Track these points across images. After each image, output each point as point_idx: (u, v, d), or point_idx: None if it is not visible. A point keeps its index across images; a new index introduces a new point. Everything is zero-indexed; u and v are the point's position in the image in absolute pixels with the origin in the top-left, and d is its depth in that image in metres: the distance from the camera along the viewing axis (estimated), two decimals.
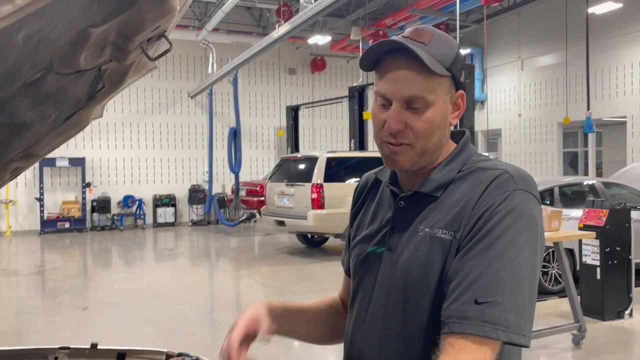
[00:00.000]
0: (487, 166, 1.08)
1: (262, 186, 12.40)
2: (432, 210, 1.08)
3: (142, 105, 15.07)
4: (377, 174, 1.27)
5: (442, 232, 1.04)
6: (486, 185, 1.03)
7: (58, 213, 13.96)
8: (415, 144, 1.06)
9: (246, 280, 8.16)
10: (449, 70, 1.05)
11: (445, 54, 1.05)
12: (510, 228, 0.97)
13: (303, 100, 16.55)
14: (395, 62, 1.04)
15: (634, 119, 12.42)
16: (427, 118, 1.04)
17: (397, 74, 1.04)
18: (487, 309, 0.92)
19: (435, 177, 1.10)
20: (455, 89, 1.09)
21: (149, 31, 1.06)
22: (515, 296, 0.94)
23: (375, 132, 1.10)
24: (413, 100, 1.04)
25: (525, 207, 1.00)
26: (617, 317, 5.56)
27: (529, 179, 1.05)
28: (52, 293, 7.44)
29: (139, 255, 11.16)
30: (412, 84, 1.03)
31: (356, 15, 14.75)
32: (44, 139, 1.66)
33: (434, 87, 1.04)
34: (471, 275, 0.96)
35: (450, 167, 1.11)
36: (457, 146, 1.14)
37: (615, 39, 12.69)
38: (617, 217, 5.61)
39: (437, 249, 1.04)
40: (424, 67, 1.02)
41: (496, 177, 1.03)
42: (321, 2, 8.05)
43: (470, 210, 1.02)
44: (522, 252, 0.97)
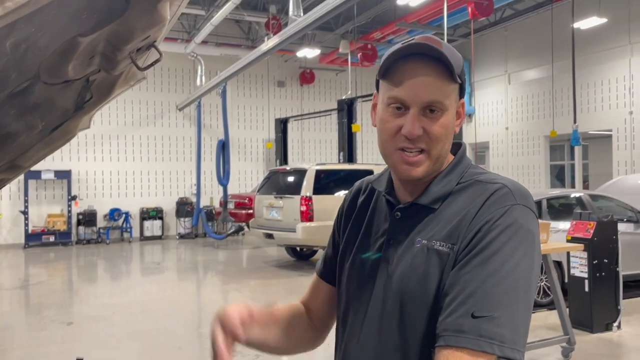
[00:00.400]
0: (486, 179, 1.08)
1: (250, 199, 12.34)
2: (429, 222, 1.08)
3: (129, 117, 14.99)
4: (373, 183, 1.25)
5: (440, 245, 1.03)
6: (485, 198, 1.03)
7: (43, 226, 13.77)
8: (431, 149, 1.06)
9: (234, 294, 8.08)
10: (459, 77, 1.07)
11: (457, 62, 1.06)
12: (508, 243, 0.98)
13: (292, 112, 16.57)
14: (415, 67, 1.04)
15: (619, 132, 12.59)
16: (442, 123, 1.05)
17: (418, 79, 1.03)
18: (483, 323, 0.92)
19: (434, 189, 1.10)
20: (460, 98, 1.11)
21: (139, 41, 1.04)
22: (511, 311, 0.94)
23: (387, 139, 1.08)
24: (431, 105, 1.04)
25: (524, 222, 1.00)
26: (606, 329, 5.57)
27: (527, 193, 1.05)
28: (36, 308, 7.31)
29: (125, 269, 11.02)
30: (432, 89, 1.03)
31: (345, 29, 14.86)
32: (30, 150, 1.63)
33: (449, 93, 1.06)
34: (468, 288, 0.95)
35: (448, 179, 1.10)
36: (455, 158, 1.14)
37: (600, 53, 12.89)
38: (605, 229, 5.65)
39: (434, 261, 1.03)
40: (443, 72, 1.03)
41: (495, 191, 1.04)
42: (310, 15, 8.10)
43: (469, 224, 1.02)
44: (519, 267, 0.97)
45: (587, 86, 13.10)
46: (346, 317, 1.18)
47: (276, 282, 8.74)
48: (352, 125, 12.48)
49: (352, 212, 1.26)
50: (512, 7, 14.01)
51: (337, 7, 7.49)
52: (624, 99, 12.50)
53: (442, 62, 1.02)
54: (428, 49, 1.03)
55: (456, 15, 12.23)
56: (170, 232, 15.18)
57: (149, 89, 15.02)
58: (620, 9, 12.24)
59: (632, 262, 6.19)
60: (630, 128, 12.31)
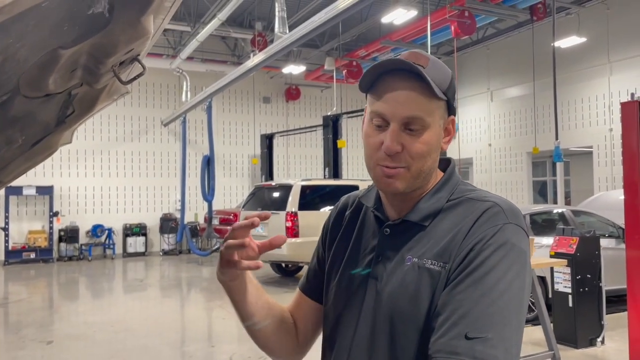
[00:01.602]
0: (477, 197, 1.07)
1: (235, 214, 12.26)
2: (420, 239, 1.06)
3: (114, 132, 14.87)
4: (361, 198, 1.23)
5: (431, 263, 1.02)
6: (476, 217, 1.02)
7: (23, 243, 13.52)
8: (411, 166, 1.04)
9: (218, 312, 7.98)
10: (445, 94, 1.05)
11: (442, 78, 1.05)
12: (501, 262, 0.97)
13: (277, 128, 16.59)
14: (395, 83, 1.03)
15: (599, 149, 12.79)
16: (424, 140, 1.03)
17: (398, 95, 1.02)
18: (477, 345, 0.91)
19: (424, 206, 1.09)
20: (448, 115, 1.10)
21: (122, 54, 1.03)
22: (504, 332, 0.93)
23: (369, 154, 1.08)
24: (412, 122, 1.03)
25: (516, 241, 1.00)
26: (590, 344, 5.60)
27: (518, 212, 1.04)
28: (15, 326, 7.14)
29: (107, 286, 10.84)
30: (412, 105, 1.02)
31: (330, 46, 14.99)
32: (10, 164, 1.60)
33: (432, 110, 1.04)
34: (461, 309, 0.94)
35: (438, 196, 1.09)
36: (445, 174, 1.14)
37: (580, 71, 13.14)
38: (587, 245, 5.71)
39: (426, 280, 1.02)
40: (425, 89, 1.02)
41: (486, 209, 1.03)
42: (295, 32, 8.15)
43: (461, 242, 1.01)
44: (512, 287, 0.96)
45: (568, 103, 13.32)
46: (334, 336, 1.16)
47: None
48: (338, 141, 12.53)
49: (339, 228, 1.24)
50: (494, 26, 14.26)
51: (322, 25, 7.56)
52: (604, 116, 12.73)
53: (422, 77, 1.01)
54: (408, 65, 1.02)
55: (439, 34, 12.40)
56: (153, 249, 15.00)
57: (134, 104, 14.95)
58: (599, 28, 12.52)
59: (614, 277, 6.24)
60: (610, 145, 12.52)
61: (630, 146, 4.48)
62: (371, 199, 1.19)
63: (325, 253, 1.26)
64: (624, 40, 12.22)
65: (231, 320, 7.45)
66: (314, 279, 1.28)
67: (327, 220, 1.30)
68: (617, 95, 12.23)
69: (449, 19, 11.24)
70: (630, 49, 12.11)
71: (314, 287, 1.27)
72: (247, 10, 13.56)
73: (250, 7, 13.26)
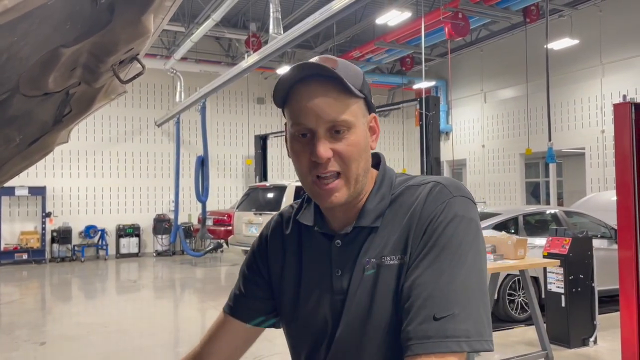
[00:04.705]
0: (416, 182, 1.07)
1: (229, 215, 12.25)
2: (373, 240, 1.05)
3: (107, 133, 14.82)
4: (299, 218, 1.17)
5: (390, 259, 1.02)
6: (423, 200, 1.02)
7: (16, 244, 13.44)
8: (346, 171, 1.02)
9: (212, 312, 7.97)
10: (361, 91, 1.04)
11: (354, 76, 1.03)
12: (453, 236, 0.97)
13: (272, 129, 16.59)
14: (309, 89, 1.01)
15: (592, 150, 12.87)
16: (351, 141, 1.02)
17: (316, 101, 1.00)
18: (447, 324, 0.91)
19: (371, 208, 1.07)
20: (368, 112, 1.08)
21: (122, 53, 1.03)
22: (470, 304, 0.93)
23: (302, 171, 1.05)
24: (336, 125, 1.01)
25: (464, 212, 1.00)
26: (582, 344, 5.63)
27: (461, 185, 1.05)
28: (8, 328, 7.10)
29: (100, 287, 10.80)
30: (332, 109, 1.00)
31: (324, 47, 15.00)
32: (6, 164, 1.59)
33: (353, 109, 1.02)
34: (424, 292, 0.94)
35: (381, 194, 1.08)
36: (379, 171, 1.12)
37: (573, 73, 13.22)
38: (580, 245, 5.75)
39: (387, 277, 1.01)
40: (341, 89, 1.00)
41: (430, 190, 1.03)
42: (290, 33, 8.16)
43: (414, 229, 1.01)
44: (468, 258, 0.96)
45: (560, 105, 13.40)
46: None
47: None
48: None
49: (281, 251, 1.19)
50: (488, 28, 14.33)
51: (316, 26, 7.57)
52: (596, 117, 12.82)
53: (336, 78, 0.99)
54: (318, 68, 1.00)
55: (433, 35, 12.45)
56: (147, 250, 14.95)
57: (128, 104, 14.90)
58: (591, 30, 12.61)
59: (606, 278, 6.28)
60: (602, 146, 12.61)
61: (623, 147, 4.52)
62: (309, 216, 1.15)
63: (263, 278, 1.22)
64: (616, 42, 12.31)
65: None
66: (243, 300, 1.24)
67: (259, 244, 1.25)
68: (610, 97, 12.32)
69: (442, 20, 11.29)
70: (622, 51, 12.20)
71: (244, 308, 1.24)
72: (242, 10, 13.56)
73: (244, 7, 13.26)
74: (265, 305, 1.22)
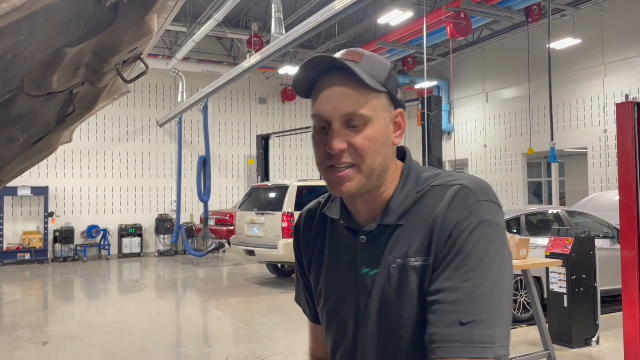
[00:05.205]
0: (442, 183, 1.05)
1: (231, 215, 12.25)
2: (398, 239, 1.05)
3: (109, 133, 14.84)
4: (326, 211, 1.18)
5: (415, 260, 1.01)
6: (448, 204, 1.01)
7: (18, 244, 13.47)
8: (361, 164, 1.02)
9: (214, 312, 7.98)
10: (385, 86, 1.03)
11: (378, 70, 1.03)
12: (480, 243, 0.97)
13: (274, 129, 16.59)
14: (329, 81, 1.02)
15: (594, 150, 12.85)
16: (368, 135, 1.01)
17: (334, 93, 1.01)
18: (474, 329, 0.92)
19: (395, 206, 1.06)
20: (394, 107, 1.07)
21: (126, 53, 1.04)
22: (496, 310, 0.94)
23: (318, 160, 1.06)
24: (352, 118, 1.00)
25: (490, 218, 0.99)
26: (585, 344, 5.62)
27: (487, 187, 1.04)
28: (10, 327, 7.11)
29: (102, 287, 10.81)
30: (349, 101, 1.00)
31: (326, 47, 15.00)
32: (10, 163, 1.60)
33: (371, 104, 1.02)
34: (451, 297, 0.95)
35: (406, 192, 1.07)
36: (405, 166, 1.11)
37: (575, 73, 13.20)
38: (582, 245, 5.73)
39: (413, 279, 1.01)
40: (359, 83, 1.00)
41: (456, 194, 1.01)
42: (292, 33, 8.16)
43: (438, 232, 1.00)
44: (495, 264, 0.96)
45: (563, 105, 13.38)
46: (335, 355, 1.16)
47: (257, 300, 8.65)
48: None
49: (312, 247, 1.20)
50: (490, 28, 14.31)
51: (318, 26, 7.57)
52: (599, 117, 12.79)
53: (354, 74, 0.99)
54: (337, 62, 1.01)
55: (435, 35, 12.44)
56: (149, 250, 14.96)
57: (130, 104, 14.92)
58: (593, 30, 12.59)
59: (609, 278, 6.26)
60: (605, 146, 12.58)
61: (626, 147, 4.51)
62: (336, 210, 1.15)
63: (307, 276, 1.23)
64: (618, 42, 12.29)
65: (227, 321, 7.45)
66: (314, 305, 1.24)
67: (295, 243, 1.26)
68: (612, 97, 12.29)
69: (445, 20, 11.28)
70: (624, 51, 12.18)
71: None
72: (244, 11, 13.56)
73: (246, 8, 13.26)
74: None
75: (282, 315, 7.45)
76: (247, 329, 6.75)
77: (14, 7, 0.53)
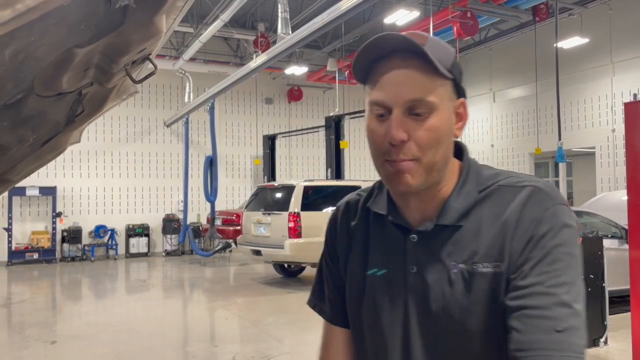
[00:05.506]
0: (510, 183, 0.97)
1: (238, 215, 12.28)
2: (459, 241, 0.96)
3: (116, 133, 14.91)
4: (370, 205, 1.08)
5: (483, 266, 0.93)
6: (522, 205, 0.93)
7: (27, 244, 13.56)
8: (422, 158, 0.93)
9: (221, 312, 8.00)
10: (450, 72, 0.95)
11: (444, 55, 0.94)
12: (564, 247, 0.91)
13: (280, 129, 16.61)
14: (392, 64, 0.93)
15: (602, 149, 12.78)
16: (432, 125, 0.92)
17: (398, 76, 0.92)
18: (569, 337, 0.86)
19: (454, 205, 0.97)
20: (457, 97, 0.99)
21: (134, 53, 1.05)
22: (582, 317, 0.89)
23: (375, 151, 0.96)
24: (416, 105, 0.91)
25: (568, 221, 0.93)
26: (593, 344, 5.59)
27: (557, 190, 0.98)
28: (19, 326, 7.16)
29: (110, 286, 10.87)
30: (414, 86, 0.91)
31: (332, 47, 15.00)
32: (20, 163, 1.61)
33: (437, 90, 0.93)
34: (540, 302, 0.88)
35: (467, 190, 0.98)
36: (464, 163, 1.02)
37: (583, 72, 13.14)
38: (590, 245, 5.70)
39: (482, 286, 0.93)
40: (427, 67, 0.91)
41: (530, 195, 0.94)
42: (298, 33, 8.17)
43: (512, 236, 0.92)
44: (578, 269, 0.91)
45: (570, 104, 13.32)
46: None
47: (263, 300, 8.67)
48: (340, 141, 12.54)
49: (350, 242, 1.10)
50: (496, 27, 14.26)
51: (325, 26, 7.58)
52: (607, 117, 12.72)
53: (422, 55, 0.91)
54: (403, 42, 0.91)
55: (442, 35, 12.40)
56: (156, 249, 15.02)
57: (137, 105, 14.98)
58: (601, 29, 12.52)
59: (617, 278, 6.23)
60: (612, 145, 12.51)
61: (634, 147, 4.49)
62: (382, 204, 1.05)
63: (339, 271, 1.12)
64: (626, 41, 12.22)
65: (233, 320, 7.46)
66: (339, 304, 1.12)
67: (329, 234, 1.15)
68: (620, 96, 12.22)
69: (451, 19, 11.25)
70: (632, 50, 12.11)
71: (342, 312, 1.12)
72: (250, 11, 13.59)
73: (252, 8, 13.29)
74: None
75: (288, 315, 7.46)
76: (254, 329, 6.77)
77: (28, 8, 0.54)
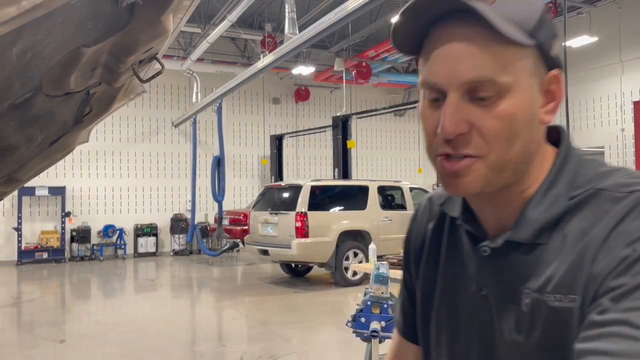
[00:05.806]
0: (614, 187, 0.70)
1: (245, 215, 12.30)
2: (538, 262, 0.72)
3: (125, 133, 14.99)
4: (443, 206, 0.88)
5: (555, 298, 0.69)
6: (618, 218, 0.66)
7: (36, 243, 13.65)
8: (487, 154, 0.70)
9: (229, 311, 8.02)
10: (533, 36, 0.69)
11: (524, 12, 0.69)
12: None
13: (287, 129, 16.63)
14: (446, 33, 0.70)
15: (611, 149, 12.69)
16: (503, 112, 0.69)
17: (453, 49, 0.69)
18: None
19: (533, 216, 0.74)
20: (547, 69, 0.73)
21: (142, 52, 1.05)
22: None
23: (427, 143, 0.75)
24: (478, 87, 0.69)
25: None
26: None
27: None
28: (28, 325, 7.22)
29: (118, 286, 10.92)
30: (474, 61, 0.68)
31: (339, 47, 14.99)
32: (29, 163, 1.62)
33: (510, 64, 0.69)
34: (621, 349, 0.59)
35: (554, 194, 0.74)
36: (559, 155, 0.78)
37: (592, 71, 13.05)
38: None
39: (550, 324, 0.70)
40: (492, 33, 0.67)
41: (636, 204, 0.66)
42: (305, 33, 8.17)
43: (595, 256, 0.67)
44: None
45: (579, 103, 13.23)
46: None
47: (271, 299, 8.68)
48: (347, 141, 12.53)
49: (423, 245, 0.92)
50: None
51: (332, 26, 7.57)
52: (616, 116, 12.63)
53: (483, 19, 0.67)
54: (455, 2, 0.67)
55: None
56: (164, 249, 15.08)
57: (145, 105, 15.05)
58: (610, 27, 12.43)
59: None
60: (622, 145, 12.42)
61: None
62: (456, 205, 0.85)
63: (413, 281, 0.94)
64: (635, 40, 12.12)
65: (241, 320, 7.48)
66: (411, 318, 0.95)
67: (407, 236, 0.97)
68: (629, 95, 12.13)
69: None
70: None
71: (414, 327, 0.95)
72: (257, 11, 13.61)
73: (260, 8, 13.31)
74: None
75: (295, 315, 7.46)
76: (261, 328, 6.78)
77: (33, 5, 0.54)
